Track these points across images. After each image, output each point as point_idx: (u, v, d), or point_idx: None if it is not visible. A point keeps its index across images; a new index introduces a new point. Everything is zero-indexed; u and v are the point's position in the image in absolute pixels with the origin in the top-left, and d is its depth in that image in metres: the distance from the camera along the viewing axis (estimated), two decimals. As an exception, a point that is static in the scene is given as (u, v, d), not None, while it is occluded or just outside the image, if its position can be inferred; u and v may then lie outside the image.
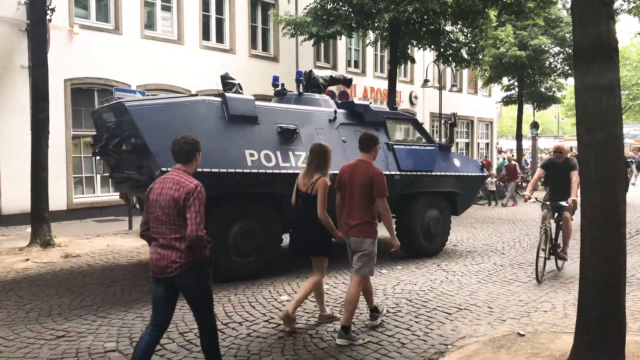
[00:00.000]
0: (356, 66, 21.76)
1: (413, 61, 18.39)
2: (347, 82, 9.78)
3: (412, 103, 24.22)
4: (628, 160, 22.99)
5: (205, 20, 16.18)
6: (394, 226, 6.16)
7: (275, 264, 8.01)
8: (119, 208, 13.09)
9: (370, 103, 9.69)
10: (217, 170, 6.68)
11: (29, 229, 9.96)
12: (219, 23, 16.62)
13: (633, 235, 10.86)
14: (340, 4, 15.33)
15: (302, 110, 7.98)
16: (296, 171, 6.95)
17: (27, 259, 8.51)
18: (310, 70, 9.26)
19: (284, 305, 5.97)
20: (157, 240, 3.70)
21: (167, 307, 3.82)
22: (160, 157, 6.29)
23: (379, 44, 20.14)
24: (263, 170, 7.07)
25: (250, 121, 7.23)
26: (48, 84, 9.88)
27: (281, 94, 8.62)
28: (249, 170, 6.94)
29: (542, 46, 22.25)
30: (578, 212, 4.42)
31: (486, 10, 15.19)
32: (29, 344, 4.81)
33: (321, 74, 9.30)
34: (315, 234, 5.11)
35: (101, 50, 13.56)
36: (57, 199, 11.67)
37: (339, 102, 9.16)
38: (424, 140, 9.26)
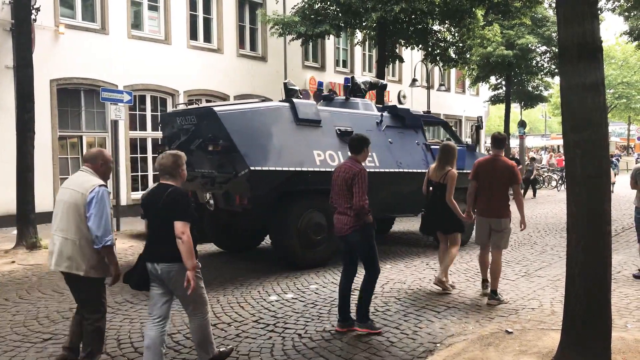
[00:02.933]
0: (344, 66, 21.77)
1: (401, 60, 18.44)
2: (383, 87, 10.58)
3: (400, 102, 24.27)
4: (613, 158, 23.23)
5: (193, 20, 16.09)
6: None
7: (264, 265, 8.02)
8: (106, 209, 12.98)
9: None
10: (293, 169, 7.45)
11: (14, 231, 9.85)
12: (207, 22, 16.55)
13: (619, 233, 10.98)
14: (328, 3, 15.34)
15: (355, 114, 8.79)
16: None
17: (13, 262, 8.42)
18: (353, 77, 9.85)
19: (272, 305, 5.96)
20: (336, 209, 5.12)
21: (347, 259, 5.21)
22: (248, 157, 7.02)
23: (367, 43, 20.20)
24: (329, 169, 7.50)
25: (315, 124, 7.99)
26: (33, 85, 9.77)
27: (329, 99, 9.29)
28: (318, 169, 7.66)
29: (529, 45, 22.43)
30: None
31: (473, 9, 15.29)
32: (15, 347, 4.76)
33: (361, 80, 9.89)
34: (449, 215, 6.35)
35: (87, 50, 13.44)
36: (43, 201, 11.53)
37: (381, 105, 9.91)
38: (452, 140, 9.84)
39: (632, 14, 15.35)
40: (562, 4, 4.04)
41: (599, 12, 15.75)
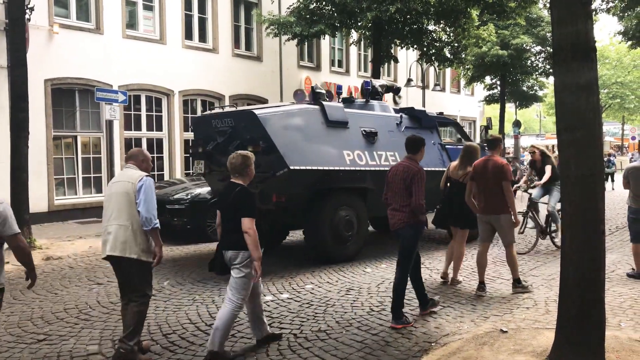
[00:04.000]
0: (340, 65, 21.78)
1: (396, 60, 18.48)
2: (397, 90, 11.00)
3: (395, 102, 24.30)
4: (610, 157, 23.34)
5: (188, 20, 16.07)
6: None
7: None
8: (101, 209, 12.94)
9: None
10: (327, 168, 7.86)
11: (9, 232, 9.79)
12: (202, 22, 16.53)
13: (613, 232, 11.02)
14: (324, 3, 15.34)
15: (377, 115, 9.23)
16: (379, 168, 8.35)
17: (7, 262, 8.35)
18: (370, 80, 10.17)
19: (268, 305, 5.96)
20: (391, 205, 5.46)
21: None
22: (287, 157, 7.40)
23: (362, 43, 20.20)
24: (358, 168, 8.25)
25: (343, 125, 8.39)
26: (27, 84, 9.74)
27: (350, 101, 9.67)
28: (347, 168, 8.09)
29: (524, 45, 22.52)
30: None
31: (468, 9, 15.32)
32: (9, 348, 4.75)
33: (379, 83, 10.33)
34: (465, 212, 6.62)
35: (82, 50, 13.40)
36: (37, 201, 11.52)
37: (397, 108, 10.41)
38: (463, 140, 10.70)
39: (626, 14, 15.40)
40: (556, 5, 4.06)
41: (593, 12, 15.83)
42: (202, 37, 16.50)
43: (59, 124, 13.31)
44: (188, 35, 16.02)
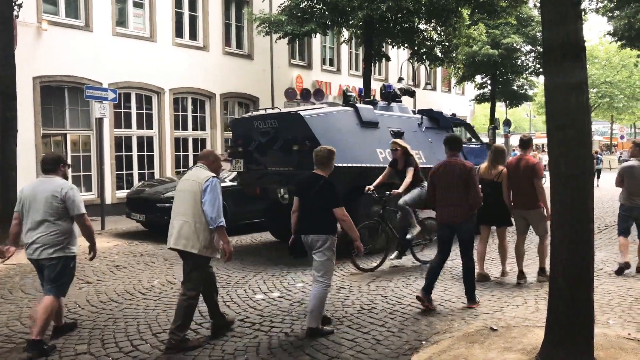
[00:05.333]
0: (331, 64, 21.78)
1: (387, 59, 18.50)
2: (412, 93, 11.49)
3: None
4: (598, 155, 23.50)
5: (178, 17, 16.00)
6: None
7: (250, 263, 8.01)
8: (91, 208, 12.82)
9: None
10: (365, 165, 8.48)
11: (-3, 230, 9.70)
12: (192, 20, 16.46)
13: (602, 230, 11.10)
14: (315, 2, 15.32)
15: (400, 117, 9.84)
16: None
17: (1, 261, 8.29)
18: (390, 85, 10.87)
19: (258, 304, 5.95)
20: (443, 202, 5.75)
21: (448, 244, 5.85)
22: None
23: (353, 41, 20.22)
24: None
25: (374, 126, 9.04)
26: (15, 82, 9.66)
27: (373, 103, 10.00)
28: (381, 165, 8.55)
29: (514, 45, 22.64)
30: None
31: (459, 8, 15.37)
32: (-3, 348, 4.70)
33: (397, 86, 11.12)
34: (502, 210, 6.96)
35: (71, 47, 13.30)
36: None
37: (416, 110, 11.01)
38: (473, 140, 11.35)
39: (615, 14, 15.52)
40: (546, 5, 4.08)
41: (582, 12, 15.94)
42: (193, 35, 16.44)
43: (48, 122, 13.21)
44: (179, 33, 15.96)
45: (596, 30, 73.17)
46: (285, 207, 8.47)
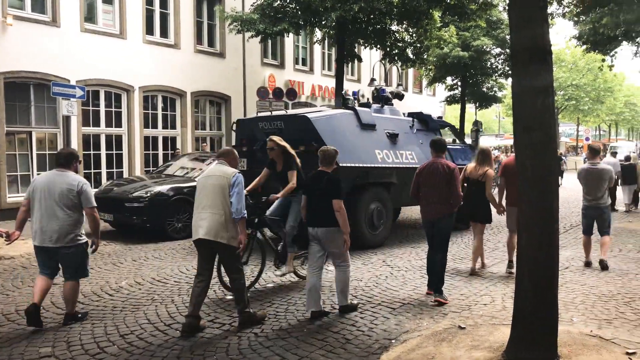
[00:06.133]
0: (304, 64, 21.77)
1: (360, 60, 18.56)
2: (401, 97, 11.94)
3: (359, 101, 24.44)
4: (562, 157, 24.07)
5: (149, 15, 15.78)
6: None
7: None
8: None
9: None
10: (367, 165, 8.94)
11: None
12: (163, 17, 16.26)
13: (567, 230, 11.37)
14: (287, 1, 15.30)
15: (394, 119, 10.31)
16: (401, 165, 9.54)
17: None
18: (381, 88, 11.41)
19: (229, 304, 5.91)
20: (427, 199, 6.12)
21: (435, 236, 6.17)
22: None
23: (326, 42, 20.24)
24: (387, 165, 9.35)
25: (372, 128, 9.51)
26: (-21, 78, 9.38)
27: (367, 106, 10.42)
28: (380, 165, 9.18)
29: (484, 47, 22.97)
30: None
31: (430, 10, 15.54)
32: (-42, 352, 4.56)
33: (389, 90, 11.73)
34: (486, 208, 7.41)
35: (37, 43, 12.99)
36: (-11, 199, 11.10)
37: (407, 112, 11.41)
38: (458, 141, 12.04)
39: (581, 19, 15.89)
40: (514, 9, 4.16)
41: (549, 17, 16.26)
42: (164, 33, 16.24)
43: (13, 119, 12.87)
44: (149, 30, 15.74)
45: (563, 34, 74.85)
46: None
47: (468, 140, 22.53)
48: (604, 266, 7.57)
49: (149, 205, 9.83)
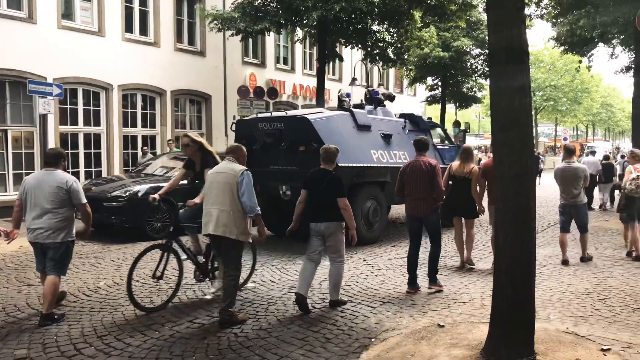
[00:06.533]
0: (285, 63, 21.73)
1: (341, 59, 18.60)
2: (392, 98, 12.10)
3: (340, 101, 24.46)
4: (540, 156, 24.39)
5: (128, 12, 15.60)
6: None
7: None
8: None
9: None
10: (361, 165, 9.24)
11: None
12: (143, 15, 16.08)
13: (545, 229, 11.52)
14: (268, 0, 15.25)
15: (389, 120, 10.68)
16: (395, 165, 9.55)
17: None
18: (374, 90, 11.66)
19: (208, 304, 5.87)
20: (412, 196, 6.38)
21: (418, 236, 6.47)
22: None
23: (307, 41, 20.23)
24: (382, 165, 9.67)
25: (368, 129, 9.76)
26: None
27: (360, 107, 10.65)
28: (375, 165, 9.52)
29: (464, 48, 23.15)
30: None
31: (411, 11, 15.62)
32: None
33: (381, 92, 11.77)
34: (472, 204, 7.61)
35: (13, 39, 12.76)
36: (-37, 198, 10.87)
37: (400, 113, 11.73)
38: (446, 141, 12.29)
39: (559, 20, 16.12)
40: (491, 9, 4.20)
41: (528, 18, 16.49)
42: (143, 31, 16.07)
43: (-13, 118, 12.63)
44: (128, 28, 15.57)
45: (542, 36, 75.88)
46: (285, 204, 9.12)
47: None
48: (587, 260, 8.08)
49: (128, 205, 9.72)
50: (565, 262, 7.92)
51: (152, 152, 16.07)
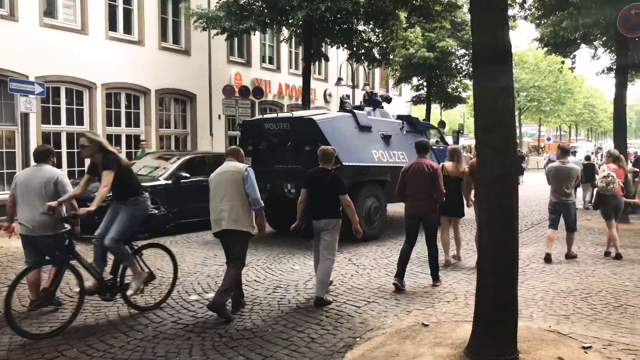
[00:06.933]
0: (271, 62, 21.67)
1: (327, 59, 18.58)
2: (389, 100, 12.48)
3: (326, 101, 24.51)
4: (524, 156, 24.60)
5: (112, 10, 15.44)
6: None
7: (184, 264, 7.87)
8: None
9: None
10: (363, 164, 9.58)
11: None
12: (127, 13, 15.93)
13: (529, 228, 11.63)
14: (254, -1, 15.20)
15: (388, 121, 11.04)
16: (394, 164, 10.04)
17: None
18: (373, 92, 12.23)
19: (192, 305, 5.84)
20: (413, 196, 6.67)
21: (415, 234, 6.75)
22: (340, 155, 8.61)
23: (293, 40, 20.21)
24: (382, 164, 9.99)
25: (368, 130, 10.13)
26: None
27: (360, 108, 10.97)
28: (376, 164, 9.85)
29: (449, 48, 23.26)
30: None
31: (396, 11, 15.65)
32: None
33: (379, 93, 12.54)
34: (459, 203, 7.99)
35: (-6, 37, 12.57)
36: (-57, 198, 10.67)
37: (397, 115, 12.23)
38: (441, 142, 12.72)
39: (543, 22, 16.24)
40: (475, 10, 4.23)
41: (513, 19, 16.61)
42: (127, 29, 15.91)
43: (-32, 116, 12.43)
44: (112, 26, 15.40)
45: (526, 37, 76.61)
46: (289, 201, 9.52)
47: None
48: (572, 257, 8.27)
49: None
50: (548, 257, 8.06)
51: (136, 152, 15.94)
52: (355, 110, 10.21)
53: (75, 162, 14.63)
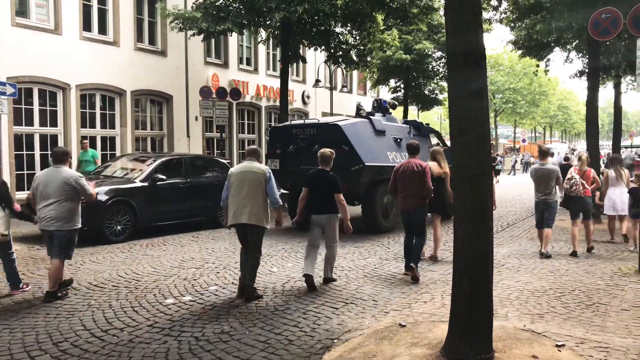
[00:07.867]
0: (248, 63, 21.59)
1: (304, 61, 18.59)
2: (394, 107, 13.81)
3: (304, 102, 24.51)
4: (499, 158, 24.97)
5: (86, 10, 15.22)
6: None
7: (160, 267, 7.80)
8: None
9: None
10: (381, 164, 10.61)
11: None
12: (102, 13, 15.72)
13: (504, 228, 11.79)
14: (231, 0, 15.12)
15: (396, 126, 12.21)
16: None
17: None
18: (382, 99, 13.30)
19: (169, 308, 5.79)
20: (404, 193, 7.31)
21: (411, 226, 7.38)
22: (363, 157, 10.17)
23: (270, 42, 20.18)
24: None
25: (383, 134, 11.31)
26: None
27: (371, 114, 11.95)
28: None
29: (426, 50, 23.44)
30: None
31: (374, 13, 15.73)
32: None
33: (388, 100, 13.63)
34: (444, 201, 8.32)
35: (-36, 37, 12.28)
36: None
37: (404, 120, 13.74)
38: (440, 144, 13.13)
39: (517, 25, 16.50)
40: (450, 13, 4.27)
41: (488, 22, 16.81)
42: (102, 29, 15.70)
43: (-63, 117, 12.10)
44: (86, 26, 15.19)
45: (501, 39, 77.75)
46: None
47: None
48: (546, 257, 8.47)
49: (86, 207, 9.43)
50: (542, 254, 8.54)
51: (112, 154, 15.74)
52: (372, 117, 11.35)
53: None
